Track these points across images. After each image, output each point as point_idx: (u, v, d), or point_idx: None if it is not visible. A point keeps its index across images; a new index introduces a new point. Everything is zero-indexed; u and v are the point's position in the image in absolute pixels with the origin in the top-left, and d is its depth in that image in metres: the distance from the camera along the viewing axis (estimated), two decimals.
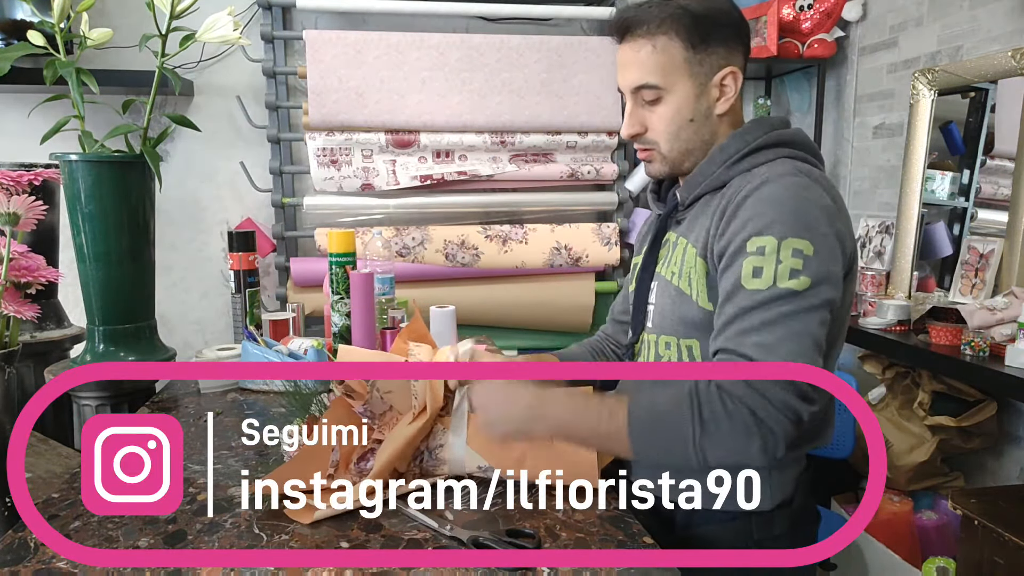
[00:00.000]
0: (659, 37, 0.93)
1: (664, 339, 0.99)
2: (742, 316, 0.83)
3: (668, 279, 0.99)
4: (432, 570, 0.74)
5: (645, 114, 0.97)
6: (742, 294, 0.84)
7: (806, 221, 0.84)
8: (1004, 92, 1.90)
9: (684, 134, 0.97)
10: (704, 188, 0.97)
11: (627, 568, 0.75)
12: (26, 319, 1.00)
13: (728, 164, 0.95)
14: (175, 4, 1.38)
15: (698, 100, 0.95)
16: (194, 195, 2.50)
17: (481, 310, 2.46)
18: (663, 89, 0.95)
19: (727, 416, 0.79)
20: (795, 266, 0.82)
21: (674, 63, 0.94)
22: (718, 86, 0.95)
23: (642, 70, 0.95)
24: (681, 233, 0.99)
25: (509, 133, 2.42)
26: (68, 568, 0.74)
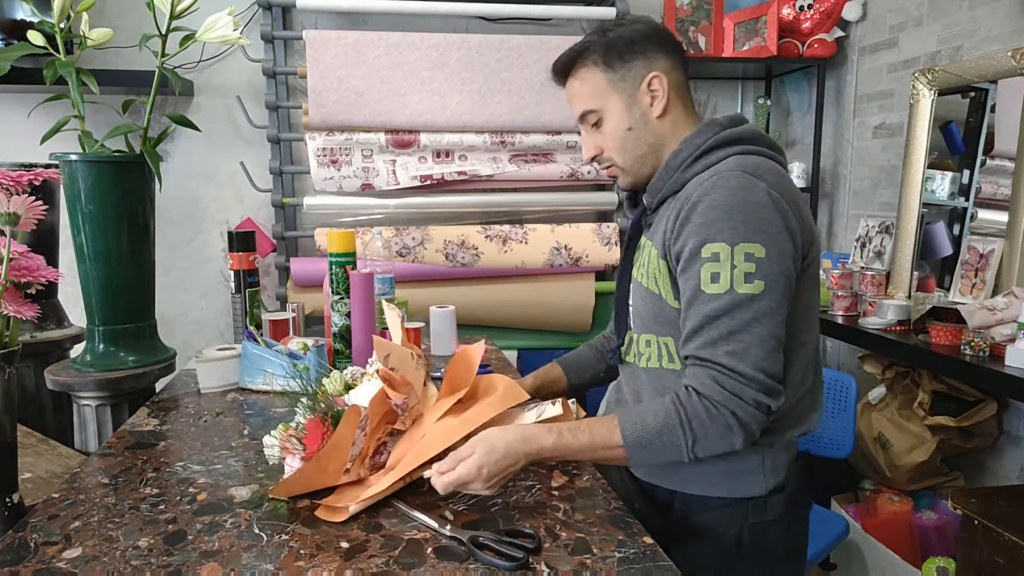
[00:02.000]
0: (580, 69, 1.05)
1: (644, 337, 1.06)
2: (709, 325, 0.91)
3: (640, 281, 1.06)
4: (432, 570, 0.74)
5: (595, 137, 1.07)
6: (702, 299, 0.92)
7: (755, 224, 0.90)
8: (1004, 92, 1.90)
9: (629, 143, 1.05)
10: (664, 192, 1.03)
11: (627, 568, 0.75)
12: (26, 319, 1.00)
13: (683, 168, 1.00)
14: (175, 4, 1.38)
15: (631, 110, 1.03)
16: (194, 195, 2.50)
17: (481, 310, 2.47)
18: (599, 111, 1.05)
19: (712, 421, 0.88)
20: (749, 270, 0.90)
21: (599, 86, 1.04)
22: (646, 92, 1.03)
23: (578, 101, 1.06)
24: (649, 236, 1.06)
25: (509, 133, 2.42)
26: (68, 568, 0.74)
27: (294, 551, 0.78)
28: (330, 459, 0.87)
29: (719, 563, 1.02)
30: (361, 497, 0.87)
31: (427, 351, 1.73)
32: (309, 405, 0.96)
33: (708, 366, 0.90)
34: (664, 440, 0.89)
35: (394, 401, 0.95)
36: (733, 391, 0.88)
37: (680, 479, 1.04)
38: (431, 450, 0.92)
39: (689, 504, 1.04)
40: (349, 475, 0.91)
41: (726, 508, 1.01)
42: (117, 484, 0.95)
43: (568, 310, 2.52)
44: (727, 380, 0.88)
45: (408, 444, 0.95)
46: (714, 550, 1.02)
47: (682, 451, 0.89)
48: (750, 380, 0.88)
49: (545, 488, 0.95)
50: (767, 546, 1.03)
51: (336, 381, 1.05)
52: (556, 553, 0.78)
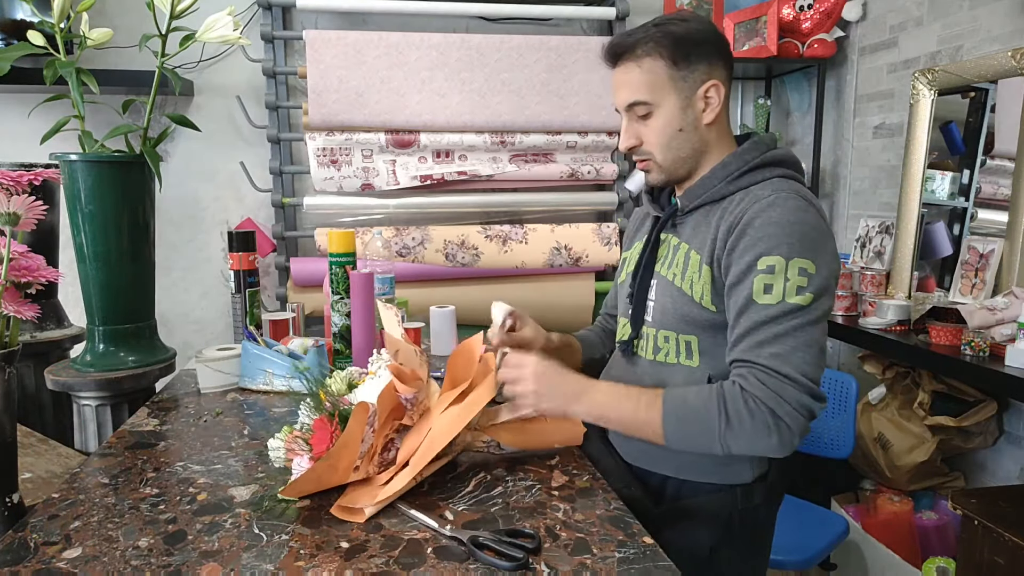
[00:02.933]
0: (644, 59, 1.04)
1: (663, 333, 1.09)
2: (756, 330, 0.95)
3: (670, 280, 1.07)
4: (432, 570, 0.74)
5: (639, 128, 1.07)
6: (754, 308, 0.95)
7: (809, 242, 0.95)
8: (1004, 92, 1.90)
9: (675, 143, 1.06)
10: (704, 199, 1.06)
11: (627, 568, 0.75)
12: (26, 319, 1.00)
13: (728, 180, 1.04)
14: (175, 4, 1.38)
15: (684, 112, 1.05)
16: (194, 195, 2.50)
17: (481, 310, 2.45)
18: (652, 104, 1.05)
19: (749, 414, 0.91)
20: (801, 283, 0.93)
21: (660, 80, 1.03)
22: (702, 99, 1.04)
23: (632, 89, 1.05)
24: (683, 238, 1.08)
25: (509, 133, 2.42)
26: (68, 568, 0.74)
27: (294, 551, 0.78)
28: (340, 457, 0.87)
29: (713, 543, 1.07)
30: (378, 498, 0.87)
31: (427, 351, 1.73)
32: (314, 405, 0.96)
33: (752, 366, 0.94)
34: (700, 419, 0.94)
35: (404, 395, 0.95)
36: (775, 389, 0.91)
37: (674, 465, 1.08)
38: (440, 443, 0.92)
39: (681, 489, 1.09)
40: (358, 473, 0.91)
41: (717, 493, 1.07)
42: (117, 484, 0.95)
43: (568, 310, 2.52)
44: (769, 379, 0.92)
45: (416, 439, 0.95)
46: (708, 532, 1.07)
47: (715, 435, 0.93)
48: (792, 381, 0.91)
49: (545, 488, 0.95)
50: (753, 528, 1.10)
51: (340, 380, 1.05)
52: (556, 553, 0.78)
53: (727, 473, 1.06)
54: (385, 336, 1.02)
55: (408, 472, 0.91)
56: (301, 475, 0.87)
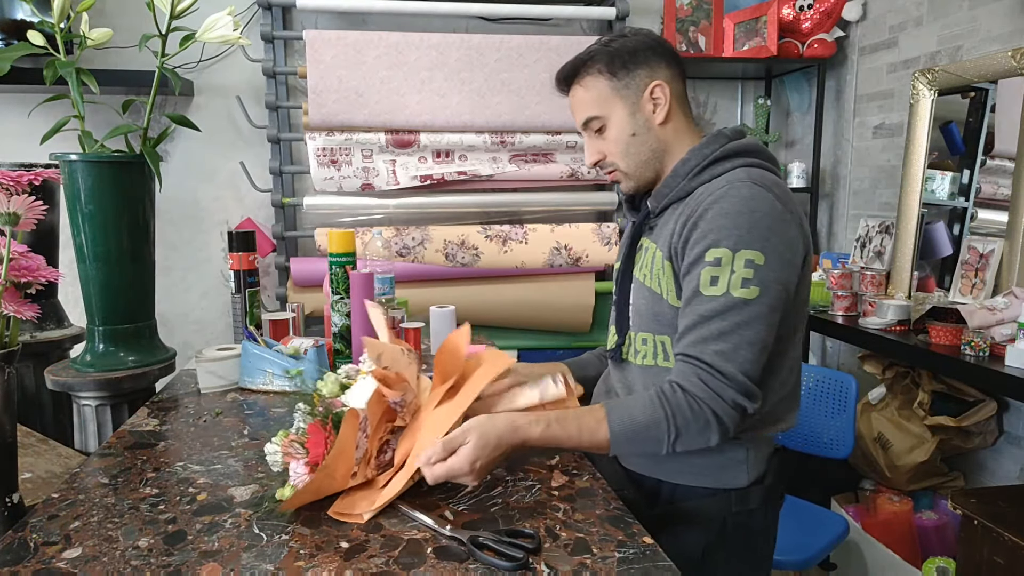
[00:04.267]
0: (585, 78, 1.09)
1: (641, 335, 1.10)
2: (701, 324, 0.96)
3: (642, 281, 1.10)
4: (432, 570, 0.74)
5: (598, 143, 1.11)
6: (700, 300, 0.96)
7: (759, 232, 0.95)
8: (1004, 92, 1.90)
9: (632, 148, 1.08)
10: (671, 198, 1.07)
11: (627, 568, 0.75)
12: (26, 319, 1.00)
13: (691, 176, 1.05)
14: (175, 4, 1.38)
15: (634, 117, 1.07)
16: (194, 195, 2.51)
17: (481, 310, 2.47)
18: (603, 117, 1.08)
19: (694, 418, 0.94)
20: (746, 276, 0.94)
21: (603, 93, 1.07)
22: (649, 100, 1.07)
23: (582, 108, 1.10)
24: (652, 239, 1.10)
25: (509, 133, 2.42)
26: (68, 568, 0.74)
27: (294, 551, 0.78)
28: (337, 465, 0.87)
29: (705, 546, 1.07)
30: (376, 503, 0.87)
31: (427, 351, 1.73)
32: (307, 410, 0.95)
33: (695, 363, 0.95)
34: (649, 434, 0.94)
35: (391, 399, 0.95)
36: (716, 390, 0.93)
37: (668, 470, 1.08)
38: (433, 438, 0.92)
39: (675, 493, 1.09)
40: (356, 478, 0.91)
41: (711, 497, 1.06)
42: (117, 484, 0.95)
43: (568, 310, 2.52)
44: (711, 379, 0.93)
45: (411, 439, 0.95)
46: (700, 535, 1.07)
47: (663, 445, 0.95)
48: (731, 381, 0.93)
49: (545, 488, 0.95)
50: (748, 532, 1.09)
51: (331, 383, 1.04)
52: (556, 553, 0.78)
53: (722, 477, 1.06)
54: (365, 341, 1.01)
55: (404, 473, 0.91)
56: (301, 488, 0.86)
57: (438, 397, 0.98)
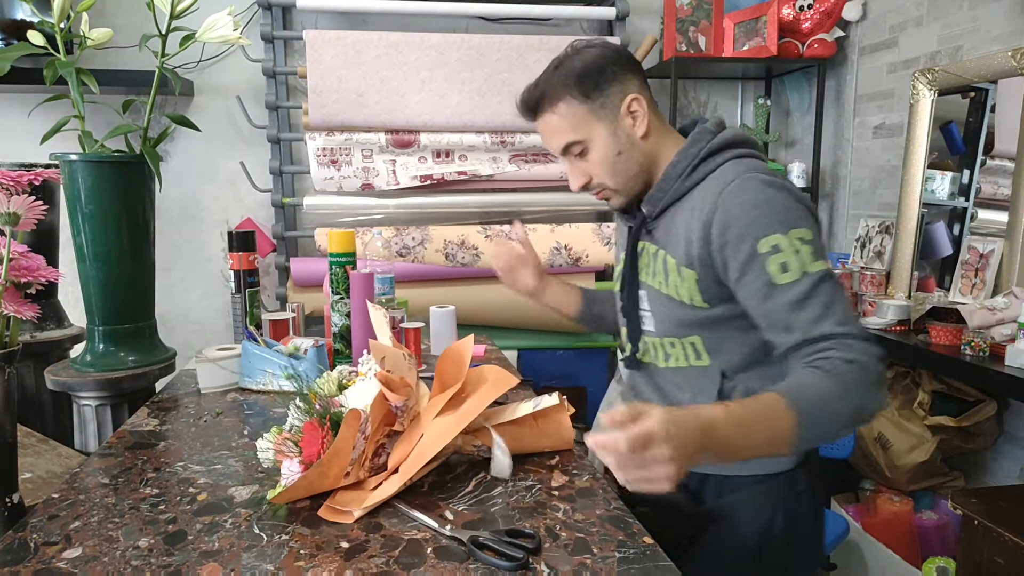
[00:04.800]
0: (557, 104, 1.05)
1: (667, 340, 1.09)
2: (798, 309, 0.92)
3: (656, 288, 1.08)
4: (432, 570, 0.74)
5: (582, 166, 1.08)
6: (779, 291, 0.93)
7: (792, 213, 0.94)
8: (1004, 92, 1.90)
9: (619, 166, 1.06)
10: (666, 202, 1.06)
11: (627, 568, 0.75)
12: (26, 319, 1.00)
13: (683, 177, 1.04)
14: (175, 4, 1.38)
15: (616, 135, 1.05)
16: (194, 195, 2.51)
17: (481, 310, 2.47)
18: (583, 141, 1.05)
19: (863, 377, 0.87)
20: (808, 250, 0.93)
21: (580, 117, 1.04)
22: (627, 115, 1.05)
23: (559, 134, 1.06)
24: (657, 243, 1.08)
25: (509, 133, 2.42)
26: (68, 568, 0.74)
27: (294, 551, 0.78)
28: (331, 464, 0.87)
29: (760, 536, 1.04)
30: (366, 503, 0.87)
31: (427, 351, 1.73)
32: (304, 408, 0.95)
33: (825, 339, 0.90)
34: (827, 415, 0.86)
35: (393, 404, 0.95)
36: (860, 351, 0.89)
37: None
38: (431, 450, 0.92)
39: (724, 485, 1.06)
40: (349, 478, 0.91)
41: (760, 485, 1.04)
42: (117, 484, 0.95)
43: None
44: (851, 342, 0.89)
45: (407, 445, 0.95)
46: (754, 524, 1.04)
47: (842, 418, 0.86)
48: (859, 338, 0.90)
49: (545, 488, 0.95)
50: (798, 515, 1.06)
51: (329, 382, 1.04)
52: (556, 553, 0.78)
53: (769, 462, 1.05)
54: (371, 345, 1.01)
55: (398, 478, 0.91)
56: (293, 484, 0.86)
57: (439, 406, 0.98)
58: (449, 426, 0.94)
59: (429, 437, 0.94)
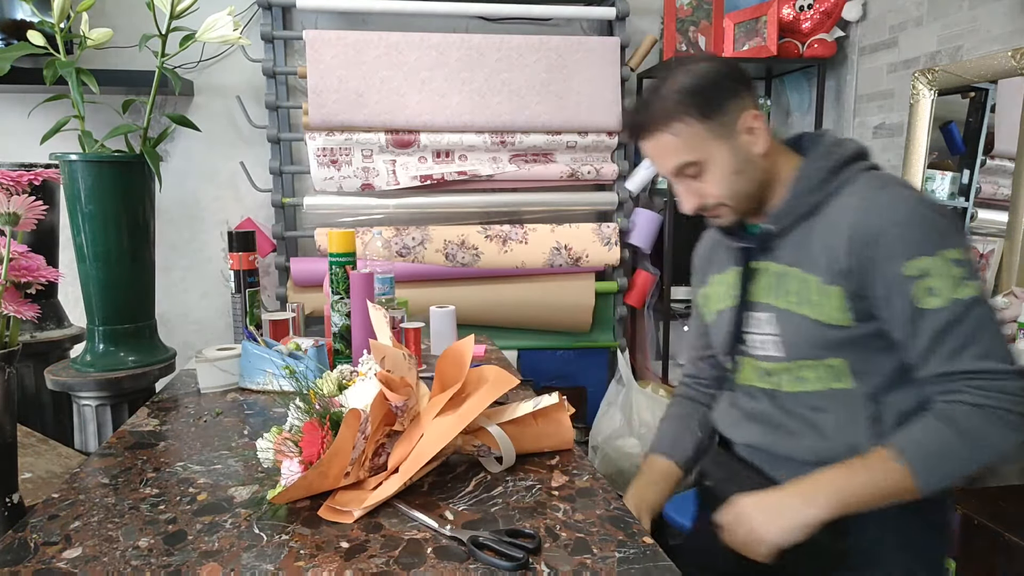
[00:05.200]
0: (673, 123, 0.99)
1: (801, 363, 1.02)
2: (942, 337, 0.89)
3: (785, 308, 1.02)
4: (432, 570, 0.74)
5: (696, 186, 1.03)
6: (925, 316, 0.90)
7: (940, 229, 0.91)
8: (1004, 92, 1.90)
9: (738, 185, 1.01)
10: (796, 217, 1.01)
11: (627, 568, 0.75)
12: (26, 319, 1.00)
13: (813, 191, 0.99)
14: (175, 4, 1.38)
15: (735, 154, 1.00)
16: (194, 195, 2.50)
17: (481, 310, 2.47)
18: (699, 163, 1.00)
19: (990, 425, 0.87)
20: (957, 274, 0.89)
21: (698, 137, 0.99)
22: (745, 132, 1.00)
23: (674, 154, 1.00)
24: (785, 262, 1.02)
25: (509, 133, 2.42)
26: (68, 568, 0.74)
27: (294, 551, 0.78)
28: (331, 464, 0.87)
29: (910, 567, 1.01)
30: (366, 503, 0.87)
31: (427, 351, 1.73)
32: (304, 408, 0.95)
33: (960, 377, 0.89)
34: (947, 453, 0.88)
35: (394, 403, 0.95)
36: (998, 390, 0.87)
37: None
38: (431, 450, 0.92)
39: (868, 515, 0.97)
40: (349, 478, 0.91)
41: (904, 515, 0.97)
42: (117, 484, 0.95)
43: (568, 310, 2.52)
44: (986, 382, 0.87)
45: (407, 445, 0.95)
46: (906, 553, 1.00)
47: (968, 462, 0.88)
48: (1005, 374, 0.87)
49: (545, 488, 0.95)
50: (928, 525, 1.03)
51: (329, 382, 1.04)
52: (556, 553, 0.78)
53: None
54: (371, 344, 1.01)
55: (398, 478, 0.91)
56: (293, 484, 0.87)
57: (439, 406, 0.98)
58: (449, 426, 0.95)
59: (429, 437, 0.94)
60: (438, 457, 0.98)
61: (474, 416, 0.95)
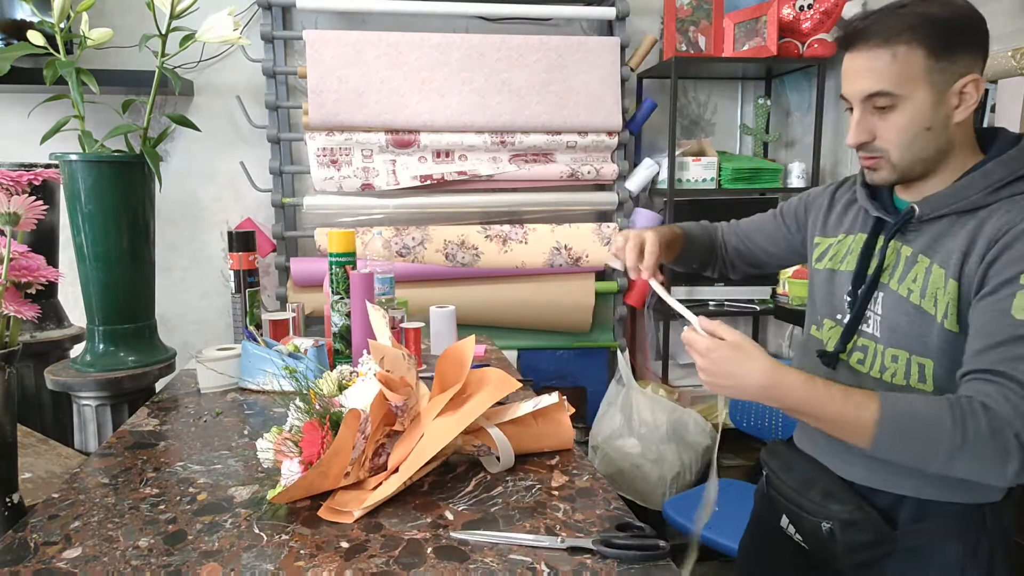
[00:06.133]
0: (899, 46, 0.89)
1: (892, 352, 0.97)
2: (1011, 343, 0.83)
3: (904, 296, 0.96)
4: (432, 570, 0.74)
5: (875, 122, 0.94)
6: (1009, 321, 0.84)
7: None
8: (1004, 92, 1.90)
9: (918, 143, 0.93)
10: (953, 209, 0.94)
11: (627, 568, 0.75)
12: (26, 319, 1.00)
13: (990, 191, 0.92)
14: (175, 4, 1.38)
15: (936, 109, 0.91)
16: (194, 195, 2.50)
17: (481, 310, 2.47)
18: (900, 96, 0.91)
19: (991, 435, 0.79)
20: None
21: (913, 71, 0.90)
22: (958, 94, 0.91)
23: (878, 78, 0.91)
24: (920, 249, 0.96)
25: (509, 133, 2.42)
26: (68, 568, 0.75)
27: (294, 551, 0.78)
28: (331, 464, 0.87)
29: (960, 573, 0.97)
30: (366, 504, 0.87)
31: (427, 351, 1.73)
32: (304, 408, 0.96)
33: (1000, 381, 0.82)
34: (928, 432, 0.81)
35: (394, 403, 0.95)
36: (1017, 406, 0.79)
37: (913, 483, 0.96)
38: (431, 451, 0.92)
39: (923, 510, 0.96)
40: (349, 478, 0.91)
41: (963, 514, 0.95)
42: (117, 484, 0.95)
43: (568, 310, 2.52)
44: (1010, 394, 0.80)
45: (407, 444, 0.95)
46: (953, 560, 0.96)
47: (938, 453, 0.81)
48: None
49: (545, 488, 0.95)
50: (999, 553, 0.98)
51: (330, 382, 1.04)
52: (556, 553, 0.78)
53: (978, 490, 0.94)
54: (371, 345, 1.01)
55: (398, 478, 0.91)
56: (293, 484, 0.87)
57: (439, 406, 0.98)
58: (449, 426, 0.95)
59: (429, 437, 0.94)
60: (438, 457, 0.98)
61: (474, 417, 0.96)
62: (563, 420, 1.07)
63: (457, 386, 1.01)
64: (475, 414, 0.96)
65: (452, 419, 0.96)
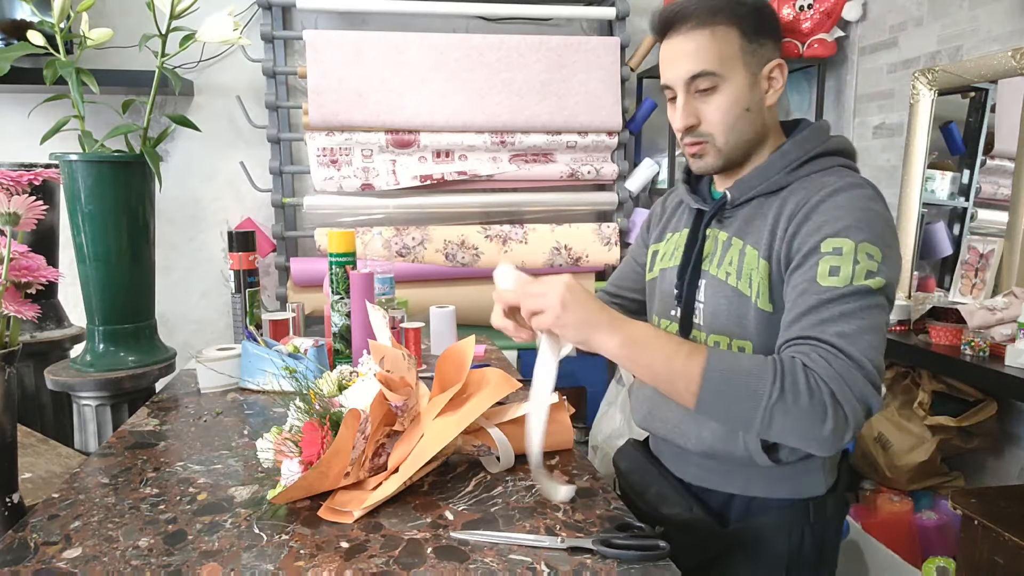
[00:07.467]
0: (717, 26, 0.93)
1: (714, 338, 0.99)
2: (819, 308, 0.84)
3: (722, 279, 0.98)
4: (432, 570, 0.74)
5: (699, 105, 0.96)
6: (816, 289, 0.85)
7: (878, 231, 0.87)
8: (1004, 92, 1.90)
9: (740, 124, 0.96)
10: (759, 191, 0.97)
11: (627, 568, 0.75)
12: (26, 319, 1.00)
13: (787, 170, 0.96)
14: (175, 4, 1.38)
15: (751, 90, 0.95)
16: (194, 195, 2.50)
17: (481, 310, 2.46)
18: (720, 76, 0.94)
19: (808, 392, 0.78)
20: (871, 268, 0.85)
21: (731, 51, 0.93)
22: (767, 78, 0.96)
23: (698, 59, 0.94)
24: (734, 233, 0.99)
25: (509, 133, 2.42)
26: (68, 568, 0.74)
27: (294, 551, 0.78)
28: (331, 464, 0.87)
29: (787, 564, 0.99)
30: (366, 504, 0.87)
31: (427, 351, 1.73)
32: (304, 408, 0.95)
33: (814, 343, 0.82)
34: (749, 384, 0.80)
35: (394, 403, 0.95)
36: (840, 371, 0.79)
37: (740, 482, 1.00)
38: (431, 449, 0.92)
39: (749, 507, 1.01)
40: (349, 478, 0.91)
41: (789, 509, 0.99)
42: (117, 484, 0.95)
43: None
44: (835, 359, 0.80)
45: (407, 445, 0.95)
46: (780, 552, 0.99)
47: (760, 406, 0.79)
48: (859, 366, 0.80)
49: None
50: (823, 544, 1.02)
51: (330, 382, 1.04)
52: (556, 553, 0.78)
53: (801, 486, 0.99)
54: (371, 345, 1.01)
55: (398, 478, 0.91)
56: (293, 484, 0.87)
57: (439, 406, 0.98)
58: (449, 427, 0.95)
59: (429, 437, 0.94)
60: (438, 457, 0.98)
61: (474, 417, 0.96)
62: (563, 420, 1.07)
63: (457, 386, 1.01)
64: (475, 414, 0.96)
65: (452, 419, 0.96)
